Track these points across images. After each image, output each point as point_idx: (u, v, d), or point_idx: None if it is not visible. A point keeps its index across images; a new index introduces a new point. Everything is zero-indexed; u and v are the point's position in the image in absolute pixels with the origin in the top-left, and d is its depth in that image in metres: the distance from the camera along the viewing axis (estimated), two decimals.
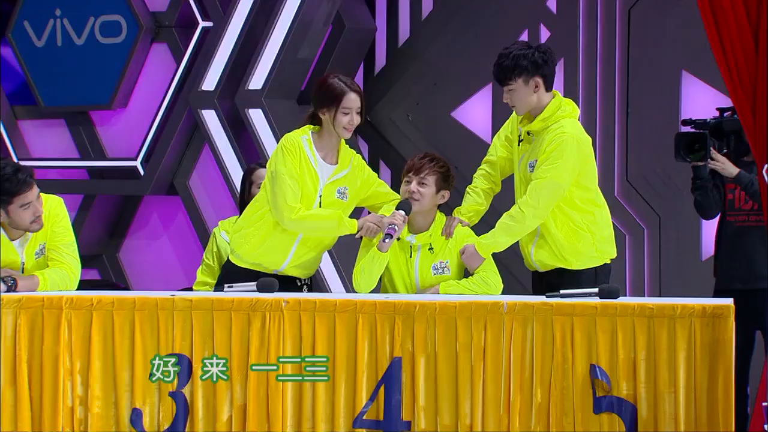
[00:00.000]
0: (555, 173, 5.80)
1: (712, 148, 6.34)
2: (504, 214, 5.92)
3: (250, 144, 8.58)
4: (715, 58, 5.21)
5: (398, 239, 5.99)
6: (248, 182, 6.79)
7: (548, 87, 5.91)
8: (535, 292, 6.01)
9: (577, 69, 8.18)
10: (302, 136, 5.96)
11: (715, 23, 5.16)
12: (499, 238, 5.92)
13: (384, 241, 5.87)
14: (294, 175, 5.89)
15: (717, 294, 6.41)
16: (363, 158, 6.19)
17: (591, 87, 8.20)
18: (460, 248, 5.99)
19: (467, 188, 6.18)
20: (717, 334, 5.12)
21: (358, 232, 5.99)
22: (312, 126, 6.01)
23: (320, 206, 5.97)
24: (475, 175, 6.20)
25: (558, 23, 8.26)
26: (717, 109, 6.52)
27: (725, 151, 6.39)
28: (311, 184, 5.94)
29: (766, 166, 5.24)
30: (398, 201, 6.03)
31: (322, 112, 5.95)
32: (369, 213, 6.20)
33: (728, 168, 6.34)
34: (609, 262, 6.05)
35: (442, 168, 6.02)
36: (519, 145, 6.01)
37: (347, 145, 6.08)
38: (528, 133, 5.96)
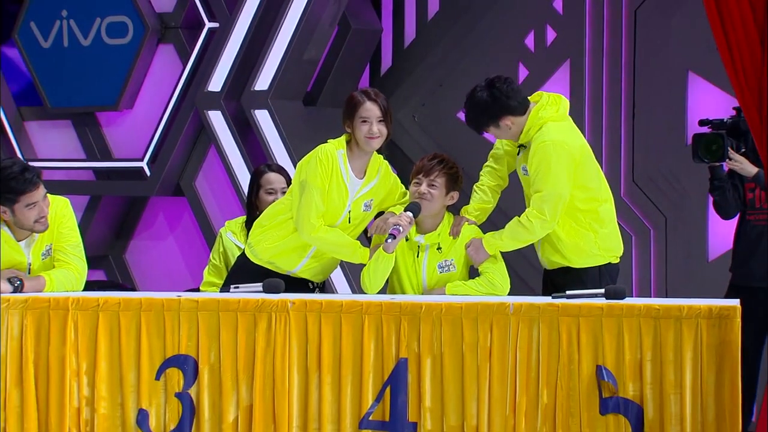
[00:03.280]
0: (550, 184, 5.81)
1: (729, 148, 6.29)
2: (515, 218, 5.92)
3: (256, 144, 8.58)
4: (722, 58, 5.21)
5: (407, 239, 6.00)
6: (256, 185, 6.79)
7: (521, 113, 5.91)
8: (545, 290, 6.02)
9: (583, 70, 8.18)
10: (338, 150, 5.94)
11: (722, 24, 5.15)
12: (506, 240, 5.94)
13: (387, 241, 5.88)
14: (323, 190, 5.89)
15: (731, 289, 6.39)
16: (388, 165, 6.17)
17: (597, 88, 8.19)
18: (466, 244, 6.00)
19: (474, 186, 6.18)
20: (724, 335, 5.12)
21: (368, 231, 6.03)
22: (347, 135, 6.00)
23: (348, 221, 5.99)
24: (481, 173, 6.20)
25: (564, 24, 8.27)
26: (734, 108, 6.48)
27: (743, 150, 6.33)
28: (340, 199, 5.94)
29: None
30: (407, 200, 6.04)
31: (347, 125, 5.96)
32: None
33: (747, 167, 6.28)
34: (615, 261, 6.05)
35: (452, 169, 6.03)
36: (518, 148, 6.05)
37: (378, 154, 6.06)
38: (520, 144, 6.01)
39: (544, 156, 5.81)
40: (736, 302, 5.24)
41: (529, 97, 5.97)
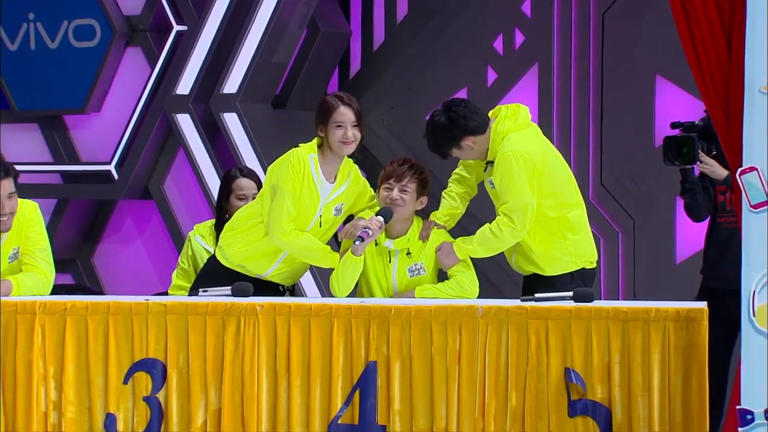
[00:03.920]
0: (514, 194, 5.83)
1: (700, 151, 6.31)
2: (485, 225, 5.93)
3: (225, 148, 8.57)
4: (688, 61, 5.23)
5: (376, 244, 5.99)
6: (227, 190, 6.75)
7: (481, 131, 5.93)
8: (524, 295, 6.03)
9: (552, 73, 8.20)
10: (310, 154, 5.91)
11: (688, 26, 5.17)
12: (477, 246, 5.95)
13: (355, 243, 5.88)
14: (294, 194, 5.87)
15: (702, 291, 6.40)
16: (358, 168, 6.17)
17: (565, 91, 8.22)
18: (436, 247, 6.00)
19: (443, 192, 6.19)
20: (691, 337, 5.14)
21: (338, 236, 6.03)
22: (319, 139, 5.99)
23: (320, 225, 5.97)
24: (450, 180, 6.21)
25: (532, 27, 8.29)
26: (705, 111, 6.50)
27: (714, 153, 6.35)
28: (311, 203, 5.92)
29: (739, 170, 5.25)
30: (375, 204, 6.04)
31: (320, 129, 5.94)
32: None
33: (717, 170, 6.29)
34: (589, 266, 6.04)
35: (422, 174, 6.04)
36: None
37: (348, 158, 6.05)
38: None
39: (506, 167, 5.83)
40: (703, 305, 5.27)
41: (489, 113, 5.98)
